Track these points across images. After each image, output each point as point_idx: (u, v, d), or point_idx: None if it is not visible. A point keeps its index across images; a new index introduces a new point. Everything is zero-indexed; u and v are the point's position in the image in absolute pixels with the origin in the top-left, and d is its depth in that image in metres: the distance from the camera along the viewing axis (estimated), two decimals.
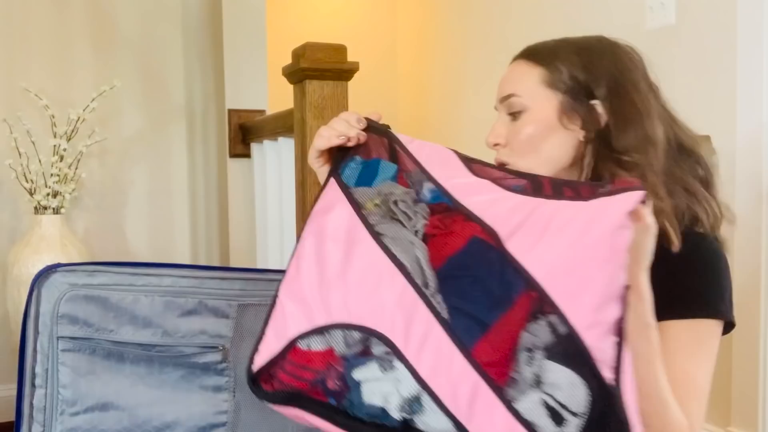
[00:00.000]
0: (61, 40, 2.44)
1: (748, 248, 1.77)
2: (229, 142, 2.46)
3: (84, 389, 1.04)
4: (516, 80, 1.06)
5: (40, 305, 1.04)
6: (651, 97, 1.05)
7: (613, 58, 1.04)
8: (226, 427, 1.08)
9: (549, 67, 1.03)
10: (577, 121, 1.02)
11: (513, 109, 1.05)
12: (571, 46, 1.05)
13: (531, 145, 1.03)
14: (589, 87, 1.02)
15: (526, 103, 1.03)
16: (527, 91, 1.04)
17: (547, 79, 1.03)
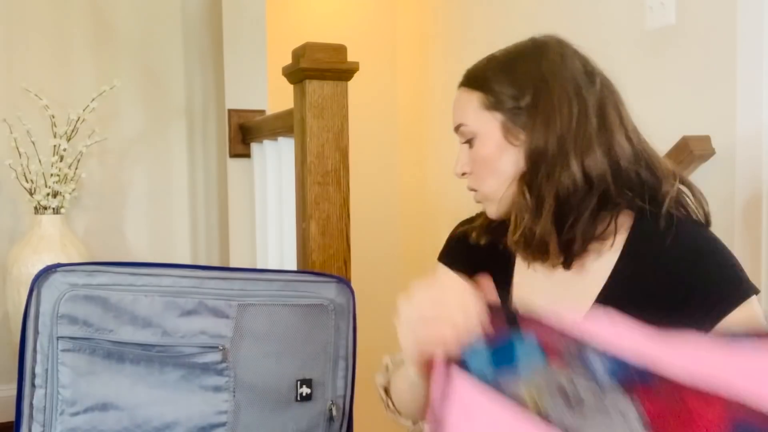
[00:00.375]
0: (61, 40, 2.44)
1: (748, 248, 1.77)
2: (229, 142, 2.46)
3: (84, 389, 1.04)
4: (461, 109, 1.10)
5: (40, 305, 1.04)
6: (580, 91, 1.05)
7: (538, 62, 1.06)
8: (226, 427, 1.08)
9: (484, 90, 1.07)
10: (521, 135, 1.05)
11: (466, 138, 1.09)
12: (498, 63, 1.09)
13: (488, 168, 1.07)
14: (517, 99, 1.05)
15: (474, 129, 1.08)
16: (472, 118, 1.08)
17: (485, 102, 1.07)
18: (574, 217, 1.02)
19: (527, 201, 1.03)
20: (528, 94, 1.04)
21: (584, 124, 1.04)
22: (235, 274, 1.12)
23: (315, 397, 1.14)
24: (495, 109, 1.06)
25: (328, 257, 1.70)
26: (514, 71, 1.06)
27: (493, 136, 1.06)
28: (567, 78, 1.05)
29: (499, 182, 1.06)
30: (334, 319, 1.15)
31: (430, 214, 3.35)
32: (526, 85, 1.05)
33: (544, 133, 1.02)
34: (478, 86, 1.08)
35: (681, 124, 1.95)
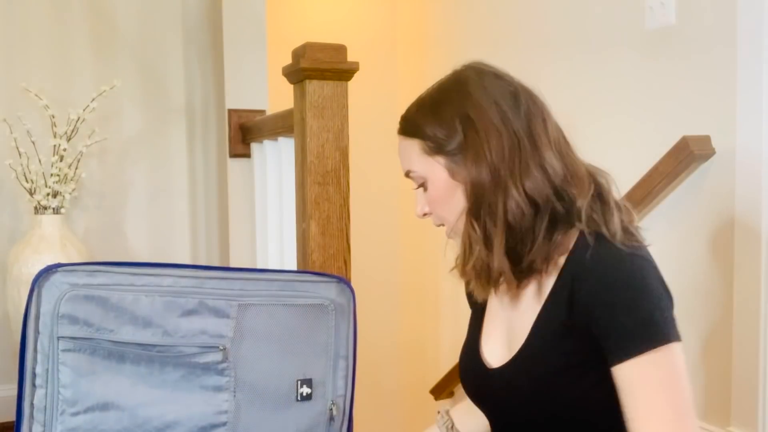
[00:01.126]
0: (61, 40, 2.44)
1: (748, 248, 1.77)
2: (229, 142, 2.46)
3: (84, 389, 1.04)
4: (406, 157, 1.13)
5: (41, 305, 1.04)
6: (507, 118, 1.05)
7: (461, 99, 1.07)
8: (227, 427, 1.08)
9: (420, 137, 1.10)
10: (462, 172, 1.06)
11: (418, 183, 1.13)
12: (426, 107, 1.11)
13: (445, 207, 1.10)
14: (450, 140, 1.07)
15: (423, 174, 1.11)
16: (417, 164, 1.11)
17: (423, 148, 1.09)
18: (531, 242, 1.02)
19: (477, 233, 1.05)
20: (456, 134, 1.06)
21: (517, 150, 1.04)
22: (235, 274, 1.12)
23: (315, 397, 1.14)
24: (436, 153, 1.08)
25: (328, 257, 1.70)
26: (442, 113, 1.08)
27: (440, 178, 1.09)
28: (491, 108, 1.06)
29: (455, 215, 1.09)
30: (334, 318, 1.15)
31: None
32: (453, 125, 1.07)
33: (477, 167, 1.04)
34: (413, 133, 1.11)
35: (681, 124, 1.95)
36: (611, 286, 0.97)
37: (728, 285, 1.82)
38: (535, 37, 2.59)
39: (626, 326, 0.95)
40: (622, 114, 2.21)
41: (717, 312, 1.85)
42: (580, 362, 1.01)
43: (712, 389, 1.86)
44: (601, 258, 0.99)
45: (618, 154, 2.12)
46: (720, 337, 1.84)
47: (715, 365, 1.85)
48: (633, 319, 0.96)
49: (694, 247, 1.92)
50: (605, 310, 0.97)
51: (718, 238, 1.86)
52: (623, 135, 2.19)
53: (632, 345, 0.95)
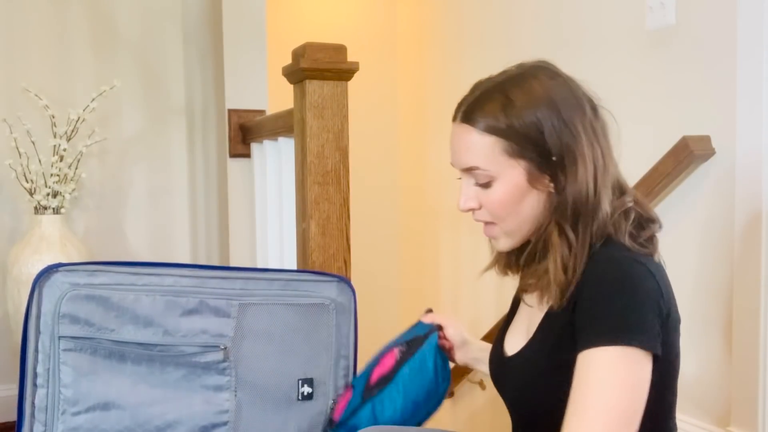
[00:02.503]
0: (61, 40, 2.44)
1: (748, 249, 1.77)
2: (229, 142, 2.46)
3: (85, 389, 1.04)
4: (475, 152, 1.05)
5: (42, 305, 1.04)
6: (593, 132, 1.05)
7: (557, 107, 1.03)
8: (228, 427, 1.08)
9: (505, 137, 1.03)
10: (545, 179, 1.04)
11: (481, 181, 1.06)
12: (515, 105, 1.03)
13: (508, 209, 1.05)
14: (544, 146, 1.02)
15: (493, 174, 1.04)
16: (490, 162, 1.04)
17: (506, 149, 1.03)
18: None
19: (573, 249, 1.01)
20: (554, 140, 1.02)
21: (607, 163, 1.05)
22: (236, 274, 1.12)
23: (316, 396, 1.14)
24: (519, 156, 1.03)
25: (328, 257, 1.70)
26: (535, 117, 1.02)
27: (516, 181, 1.04)
28: (585, 117, 1.05)
29: (520, 222, 1.06)
30: (335, 318, 1.15)
31: (430, 213, 3.35)
32: (552, 131, 1.02)
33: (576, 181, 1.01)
34: (494, 131, 1.03)
35: (681, 124, 1.95)
36: (600, 282, 0.97)
37: (728, 285, 1.83)
38: (535, 37, 2.59)
39: (596, 317, 0.95)
40: (621, 114, 2.20)
41: (717, 312, 1.85)
42: None
43: (712, 389, 1.86)
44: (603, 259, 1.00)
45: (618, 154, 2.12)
46: (720, 336, 1.84)
47: (715, 365, 1.85)
48: (605, 313, 0.95)
49: (693, 247, 1.92)
50: (587, 302, 0.97)
51: (718, 238, 1.86)
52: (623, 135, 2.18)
53: (593, 336, 0.94)
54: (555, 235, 1.02)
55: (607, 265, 0.99)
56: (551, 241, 1.03)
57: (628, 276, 0.97)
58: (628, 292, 0.96)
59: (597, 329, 0.95)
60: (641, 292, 0.96)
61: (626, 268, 0.98)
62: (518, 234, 1.08)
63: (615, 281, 0.97)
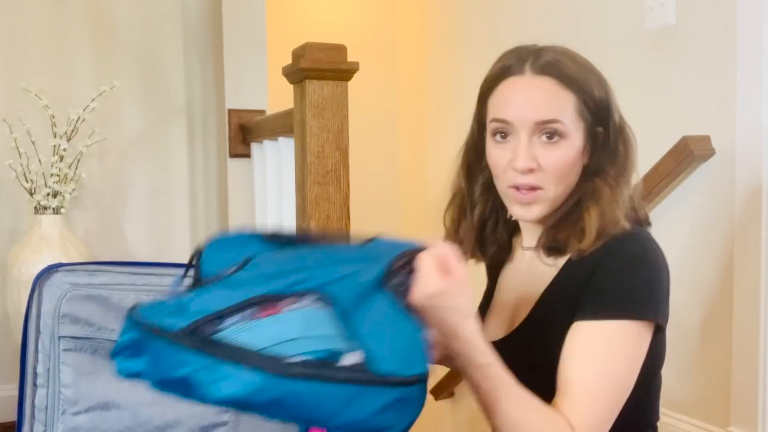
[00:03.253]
0: (61, 40, 2.44)
1: (748, 248, 1.77)
2: (229, 142, 2.46)
3: (85, 389, 1.04)
4: (556, 105, 1.03)
5: (42, 305, 1.04)
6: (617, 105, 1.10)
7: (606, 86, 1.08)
8: (228, 426, 1.08)
9: (580, 96, 1.04)
10: (588, 146, 1.06)
11: (552, 137, 1.03)
12: (588, 69, 1.06)
13: (566, 172, 1.04)
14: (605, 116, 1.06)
15: (569, 131, 1.03)
16: (568, 118, 1.03)
17: (579, 108, 1.04)
18: None
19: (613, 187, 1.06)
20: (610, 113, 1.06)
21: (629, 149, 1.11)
22: None
23: None
24: (583, 119, 1.04)
25: None
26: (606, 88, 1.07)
27: (579, 142, 1.05)
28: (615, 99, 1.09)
29: (565, 189, 1.05)
30: None
31: (430, 214, 3.35)
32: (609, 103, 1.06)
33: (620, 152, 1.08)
34: (574, 88, 1.04)
35: (681, 124, 1.95)
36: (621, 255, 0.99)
37: (728, 285, 1.83)
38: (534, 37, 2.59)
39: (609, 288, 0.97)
40: None
41: (717, 312, 1.85)
42: None
43: (712, 389, 1.86)
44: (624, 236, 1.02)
45: None
46: (720, 337, 1.84)
47: (715, 365, 1.85)
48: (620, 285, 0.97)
49: (693, 247, 1.92)
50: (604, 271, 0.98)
51: (718, 238, 1.86)
52: None
53: (603, 308, 0.96)
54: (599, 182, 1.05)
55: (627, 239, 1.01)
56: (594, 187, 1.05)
57: (649, 251, 1.01)
58: (648, 267, 0.99)
59: (612, 301, 0.97)
60: (657, 268, 1.00)
61: (645, 243, 1.02)
62: (556, 203, 1.06)
63: (636, 255, 0.99)
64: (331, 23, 3.57)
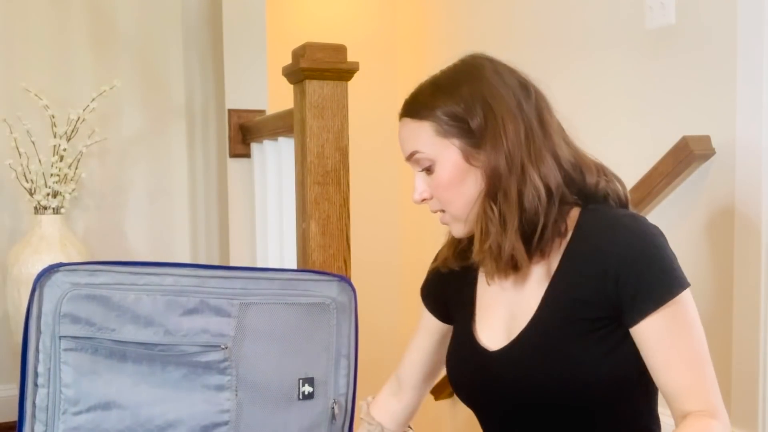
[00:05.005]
0: (61, 40, 2.44)
1: (748, 248, 1.77)
2: (229, 142, 2.46)
3: (86, 388, 1.04)
4: (413, 139, 1.11)
5: (42, 305, 1.04)
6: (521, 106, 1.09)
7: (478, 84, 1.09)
8: (229, 426, 1.08)
9: (433, 120, 1.09)
10: (480, 155, 1.07)
11: (423, 165, 1.11)
12: (440, 90, 1.11)
13: (452, 191, 1.09)
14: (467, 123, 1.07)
15: (432, 156, 1.09)
16: (427, 146, 1.09)
17: (437, 130, 1.08)
18: (542, 227, 1.05)
19: (493, 217, 1.06)
20: (476, 117, 1.07)
21: (532, 137, 1.07)
22: (236, 273, 1.12)
23: (317, 396, 1.14)
24: (451, 135, 1.08)
25: (328, 257, 1.70)
26: (460, 96, 1.08)
27: (452, 160, 1.08)
28: (507, 95, 1.09)
29: (465, 202, 1.09)
30: (335, 317, 1.15)
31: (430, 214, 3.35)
32: (472, 109, 1.07)
33: (495, 152, 1.06)
34: (426, 116, 1.09)
35: (681, 124, 1.95)
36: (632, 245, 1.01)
37: (728, 285, 1.83)
38: (534, 37, 2.60)
39: (651, 279, 1.00)
40: (621, 114, 2.21)
41: (717, 312, 1.85)
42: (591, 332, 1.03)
43: None
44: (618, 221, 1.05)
45: (618, 154, 2.12)
46: (720, 337, 1.84)
47: (715, 365, 1.85)
48: (658, 271, 1.00)
49: (694, 246, 1.92)
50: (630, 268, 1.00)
51: (718, 238, 1.86)
52: (623, 135, 2.19)
53: (658, 296, 1.00)
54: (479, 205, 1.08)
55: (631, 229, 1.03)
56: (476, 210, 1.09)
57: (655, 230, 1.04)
58: (663, 244, 1.03)
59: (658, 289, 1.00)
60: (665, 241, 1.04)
61: (648, 225, 1.04)
62: (465, 218, 1.11)
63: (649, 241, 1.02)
64: (331, 23, 3.57)
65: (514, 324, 1.11)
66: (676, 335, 1.01)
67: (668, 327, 1.00)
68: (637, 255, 1.01)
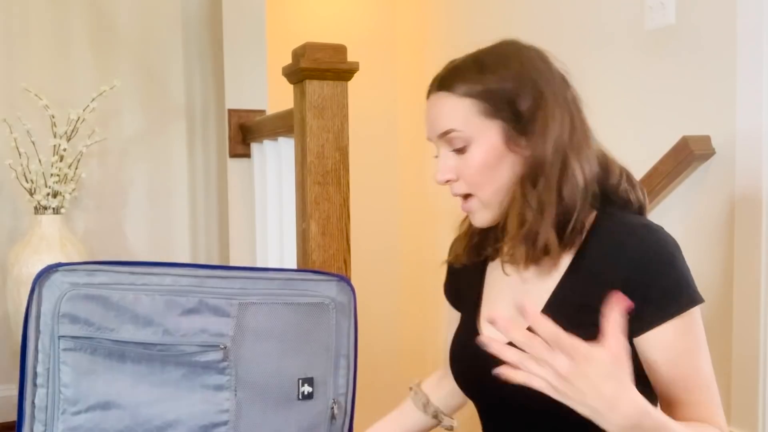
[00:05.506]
0: (61, 40, 2.44)
1: (748, 249, 1.77)
2: (229, 142, 2.46)
3: (85, 388, 1.04)
4: (450, 115, 1.06)
5: (41, 305, 1.04)
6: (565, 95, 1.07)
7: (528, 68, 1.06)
8: (228, 426, 1.08)
9: (480, 98, 1.04)
10: (522, 141, 1.04)
11: (456, 145, 1.06)
12: (488, 66, 1.06)
13: (484, 175, 1.05)
14: (516, 107, 1.03)
15: (469, 136, 1.04)
16: (467, 124, 1.04)
17: (482, 109, 1.04)
18: (575, 219, 1.03)
19: (532, 203, 1.03)
20: (526, 101, 1.03)
21: (577, 128, 1.05)
22: (235, 273, 1.12)
23: (317, 396, 1.14)
24: (495, 117, 1.04)
25: (328, 257, 1.70)
26: (509, 76, 1.04)
27: (493, 142, 1.04)
28: (555, 83, 1.06)
29: (497, 187, 1.06)
30: (335, 317, 1.15)
31: (430, 214, 3.35)
32: (523, 90, 1.04)
33: (543, 139, 1.02)
34: (469, 93, 1.05)
35: (681, 124, 1.95)
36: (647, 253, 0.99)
37: (728, 285, 1.83)
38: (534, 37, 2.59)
39: (663, 290, 0.98)
40: (621, 114, 2.21)
41: (717, 312, 1.85)
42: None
43: None
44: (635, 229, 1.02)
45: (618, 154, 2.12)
46: (720, 337, 1.84)
47: (715, 365, 1.85)
48: (672, 282, 0.98)
49: (693, 247, 1.92)
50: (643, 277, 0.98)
51: (718, 238, 1.86)
52: (623, 135, 2.19)
53: (669, 307, 0.98)
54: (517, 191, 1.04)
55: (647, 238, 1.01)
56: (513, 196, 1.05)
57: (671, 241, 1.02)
58: (679, 257, 1.01)
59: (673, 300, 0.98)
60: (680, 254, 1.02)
61: (665, 235, 1.03)
62: (495, 205, 1.07)
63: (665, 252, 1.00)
64: (331, 23, 3.57)
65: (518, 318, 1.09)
66: (683, 350, 0.99)
67: (676, 340, 0.99)
68: (651, 265, 0.98)
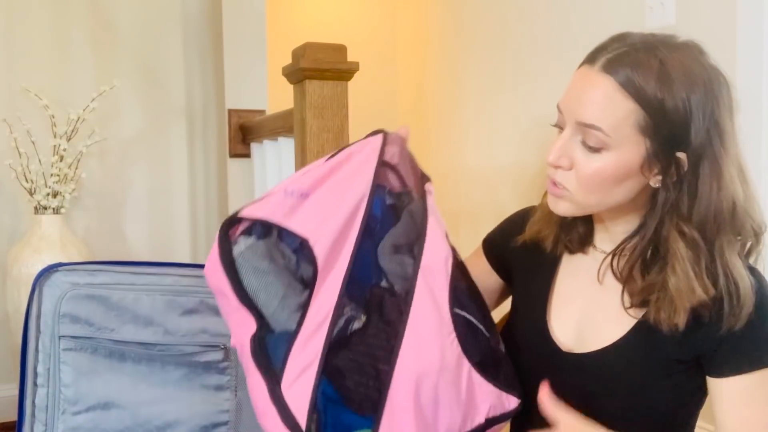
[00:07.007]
0: (61, 40, 2.44)
1: None
2: (229, 142, 2.46)
3: (86, 388, 1.04)
4: (602, 109, 0.90)
5: (42, 304, 1.04)
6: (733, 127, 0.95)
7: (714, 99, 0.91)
8: (228, 426, 1.09)
9: (644, 106, 0.88)
10: (657, 168, 0.92)
11: (590, 143, 0.91)
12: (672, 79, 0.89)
13: (602, 185, 0.93)
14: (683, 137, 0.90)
15: (612, 143, 0.90)
16: (616, 129, 0.89)
17: (643, 124, 0.89)
18: None
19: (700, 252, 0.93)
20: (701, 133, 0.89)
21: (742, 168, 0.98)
22: None
23: None
24: (648, 135, 0.89)
25: None
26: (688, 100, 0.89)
27: (631, 159, 0.90)
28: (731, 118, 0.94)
29: (603, 202, 0.95)
30: None
31: None
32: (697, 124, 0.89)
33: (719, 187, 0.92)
34: (638, 97, 0.89)
35: None
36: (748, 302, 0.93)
37: None
38: (534, 38, 2.60)
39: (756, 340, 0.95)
40: None
41: None
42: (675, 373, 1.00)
43: None
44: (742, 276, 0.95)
45: None
46: None
47: None
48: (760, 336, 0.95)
49: None
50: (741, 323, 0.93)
51: None
52: None
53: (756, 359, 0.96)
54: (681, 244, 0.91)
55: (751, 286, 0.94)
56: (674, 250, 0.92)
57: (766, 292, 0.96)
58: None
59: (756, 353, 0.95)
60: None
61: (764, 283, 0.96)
62: (589, 209, 0.98)
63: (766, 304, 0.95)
64: (331, 23, 3.57)
65: (588, 324, 1.04)
66: (756, 403, 0.98)
67: (753, 392, 0.97)
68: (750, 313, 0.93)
